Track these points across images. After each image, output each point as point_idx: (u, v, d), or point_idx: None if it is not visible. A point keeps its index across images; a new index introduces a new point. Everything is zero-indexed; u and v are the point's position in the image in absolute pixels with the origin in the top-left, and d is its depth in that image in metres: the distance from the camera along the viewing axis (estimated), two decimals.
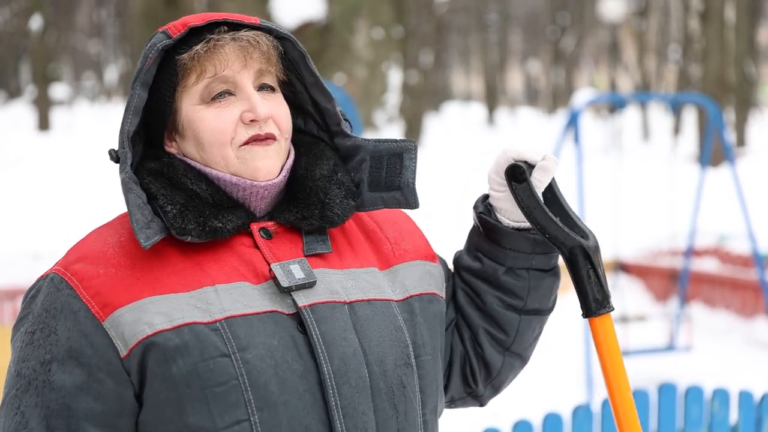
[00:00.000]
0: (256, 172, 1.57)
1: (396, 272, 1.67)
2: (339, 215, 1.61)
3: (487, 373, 1.76)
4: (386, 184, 1.65)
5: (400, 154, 1.66)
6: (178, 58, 1.56)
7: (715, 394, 3.80)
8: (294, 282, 1.54)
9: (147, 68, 1.55)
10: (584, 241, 1.63)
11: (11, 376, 1.52)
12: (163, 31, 1.57)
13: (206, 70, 1.56)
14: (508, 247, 1.69)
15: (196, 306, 1.50)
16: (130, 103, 1.55)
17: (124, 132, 1.55)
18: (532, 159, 1.65)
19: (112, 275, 1.51)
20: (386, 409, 1.56)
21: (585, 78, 48.66)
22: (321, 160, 1.65)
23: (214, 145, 1.56)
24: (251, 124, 1.57)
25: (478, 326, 1.73)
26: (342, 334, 1.54)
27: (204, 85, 1.56)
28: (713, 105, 8.09)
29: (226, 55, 1.56)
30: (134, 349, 1.48)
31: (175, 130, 1.60)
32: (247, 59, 1.57)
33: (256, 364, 1.49)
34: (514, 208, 1.67)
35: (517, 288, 1.71)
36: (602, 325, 1.65)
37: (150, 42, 1.57)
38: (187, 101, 1.58)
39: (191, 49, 1.55)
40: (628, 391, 1.66)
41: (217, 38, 1.56)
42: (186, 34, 1.56)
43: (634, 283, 10.17)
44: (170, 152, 1.61)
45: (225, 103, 1.57)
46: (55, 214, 14.14)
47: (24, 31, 30.88)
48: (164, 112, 1.59)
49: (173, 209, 1.53)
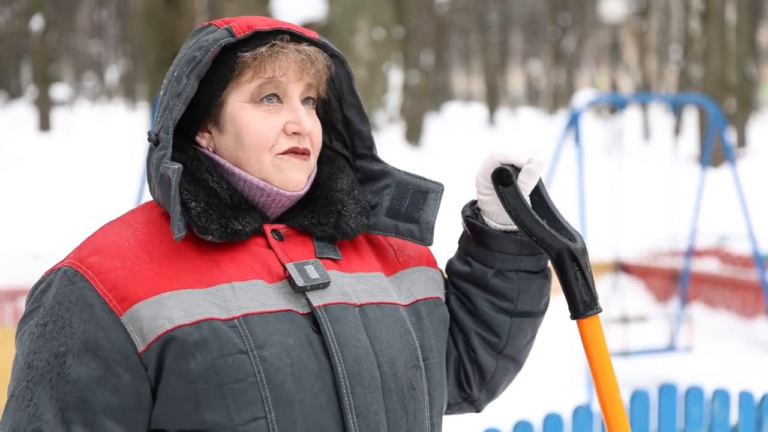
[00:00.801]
0: (287, 182, 1.60)
1: (401, 278, 1.70)
2: (352, 229, 1.64)
3: (481, 378, 1.77)
4: (405, 215, 1.68)
5: (425, 192, 1.69)
6: (240, 54, 1.58)
7: (716, 394, 3.80)
8: (309, 282, 1.55)
9: (206, 61, 1.57)
10: (571, 243, 1.64)
11: (20, 369, 1.51)
12: (226, 28, 1.59)
13: (265, 71, 1.58)
14: (496, 250, 1.71)
15: (213, 302, 1.51)
16: (181, 91, 1.56)
17: (170, 118, 1.56)
18: (518, 162, 1.67)
19: (129, 269, 1.52)
20: (397, 410, 1.58)
21: (586, 78, 48.68)
22: (342, 174, 1.68)
23: (254, 147, 1.58)
24: (293, 136, 1.60)
25: (471, 330, 1.74)
26: (354, 335, 1.56)
27: (257, 85, 1.58)
28: (714, 105, 8.09)
29: (287, 63, 1.59)
30: (153, 344, 1.48)
31: (214, 122, 1.62)
32: (303, 72, 1.60)
33: (274, 362, 1.50)
34: (502, 212, 1.69)
35: (506, 290, 1.72)
36: (590, 327, 1.66)
37: (209, 36, 1.59)
38: (235, 97, 1.59)
39: (254, 49, 1.58)
40: (617, 392, 1.67)
41: (282, 45, 1.59)
42: (248, 37, 1.59)
43: (635, 283, 10.18)
44: (200, 145, 1.62)
45: (272, 108, 1.60)
46: (56, 214, 14.15)
47: (25, 32, 30.90)
48: (209, 104, 1.60)
49: (197, 207, 1.54)
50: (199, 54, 1.57)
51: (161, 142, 1.56)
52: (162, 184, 1.56)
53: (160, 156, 1.55)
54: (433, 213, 1.68)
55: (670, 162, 12.24)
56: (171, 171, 1.52)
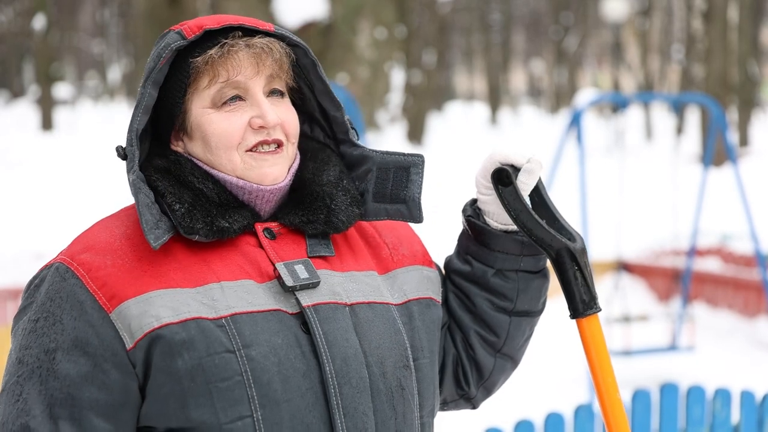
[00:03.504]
0: (263, 178, 1.60)
1: (395, 277, 1.70)
2: (344, 222, 1.64)
3: (478, 375, 1.78)
4: (391, 196, 1.68)
5: (407, 168, 1.68)
6: (191, 60, 1.58)
7: (717, 394, 3.80)
8: (298, 282, 1.56)
9: (159, 68, 1.57)
10: (570, 243, 1.65)
11: (12, 364, 1.53)
12: (178, 32, 1.58)
13: (219, 74, 1.58)
14: (497, 249, 1.71)
15: (201, 302, 1.52)
16: (140, 101, 1.57)
17: (132, 130, 1.56)
18: (517, 162, 1.67)
19: (119, 267, 1.53)
20: (385, 410, 1.58)
21: (588, 78, 48.64)
22: (328, 166, 1.68)
23: (221, 148, 1.59)
24: (260, 129, 1.59)
25: (469, 328, 1.75)
26: (344, 335, 1.57)
27: (216, 90, 1.58)
28: (716, 105, 8.09)
29: (239, 61, 1.58)
30: (140, 342, 1.50)
31: (182, 130, 1.62)
32: (259, 66, 1.59)
33: (260, 362, 1.51)
34: (502, 211, 1.69)
35: (506, 290, 1.73)
36: (589, 326, 1.67)
37: (163, 41, 1.59)
38: (197, 103, 1.59)
39: (205, 52, 1.57)
40: (617, 392, 1.68)
41: (232, 44, 1.58)
42: (200, 37, 1.58)
43: (637, 282, 10.18)
44: (177, 150, 1.63)
45: (235, 107, 1.59)
46: (59, 213, 14.15)
47: (27, 31, 30.90)
48: (173, 111, 1.61)
49: (181, 208, 1.55)
50: (153, 62, 1.57)
51: (128, 156, 1.57)
52: (134, 196, 1.56)
53: (128, 168, 1.56)
54: (419, 188, 1.67)
55: (672, 161, 12.23)
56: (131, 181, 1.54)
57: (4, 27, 36.55)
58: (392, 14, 12.31)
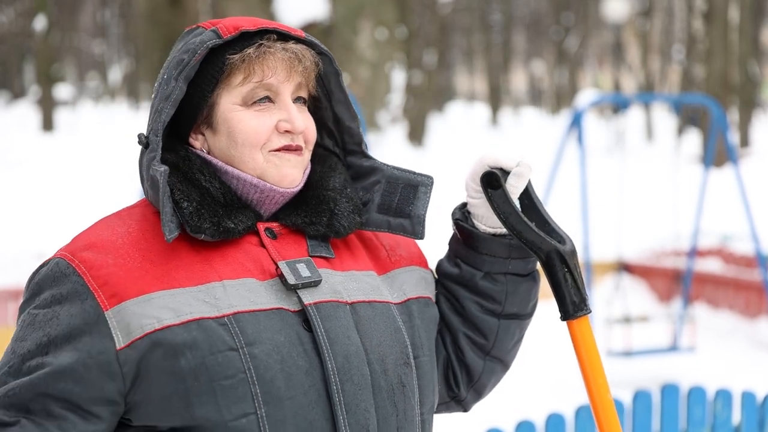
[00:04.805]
0: (282, 179, 1.62)
1: (393, 277, 1.72)
2: (345, 227, 1.66)
3: (468, 378, 1.79)
4: (396, 210, 1.70)
5: (415, 186, 1.71)
6: (228, 57, 1.60)
7: (718, 394, 3.80)
8: (300, 280, 1.57)
9: (194, 64, 1.58)
10: (560, 245, 1.66)
11: (6, 353, 1.56)
12: (213, 30, 1.60)
13: (254, 73, 1.60)
14: (485, 252, 1.72)
15: (204, 300, 1.53)
16: (170, 94, 1.58)
17: (159, 121, 1.58)
18: (507, 166, 1.68)
19: (121, 266, 1.54)
20: (387, 407, 1.60)
21: (588, 78, 48.65)
22: (334, 173, 1.70)
23: (247, 145, 1.60)
24: (285, 134, 1.62)
25: (459, 331, 1.76)
26: (345, 333, 1.58)
27: (249, 89, 1.60)
28: (717, 105, 8.09)
29: (274, 63, 1.60)
30: (137, 342, 1.50)
31: (207, 124, 1.63)
32: (291, 71, 1.62)
33: (263, 359, 1.52)
34: (491, 215, 1.70)
35: (494, 293, 1.74)
36: (580, 328, 1.68)
37: (196, 38, 1.61)
38: (227, 99, 1.61)
39: (242, 51, 1.60)
40: (608, 393, 1.69)
41: (269, 45, 1.61)
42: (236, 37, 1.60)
43: (638, 283, 10.19)
44: (193, 145, 1.64)
45: (264, 108, 1.61)
46: (59, 214, 14.17)
47: (28, 32, 30.93)
48: (200, 105, 1.62)
49: (189, 206, 1.57)
50: (186, 56, 1.59)
51: (151, 145, 1.58)
52: (153, 187, 1.58)
53: (150, 158, 1.58)
54: (424, 206, 1.70)
55: (672, 162, 12.23)
56: (159, 173, 1.54)
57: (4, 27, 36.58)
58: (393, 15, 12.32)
